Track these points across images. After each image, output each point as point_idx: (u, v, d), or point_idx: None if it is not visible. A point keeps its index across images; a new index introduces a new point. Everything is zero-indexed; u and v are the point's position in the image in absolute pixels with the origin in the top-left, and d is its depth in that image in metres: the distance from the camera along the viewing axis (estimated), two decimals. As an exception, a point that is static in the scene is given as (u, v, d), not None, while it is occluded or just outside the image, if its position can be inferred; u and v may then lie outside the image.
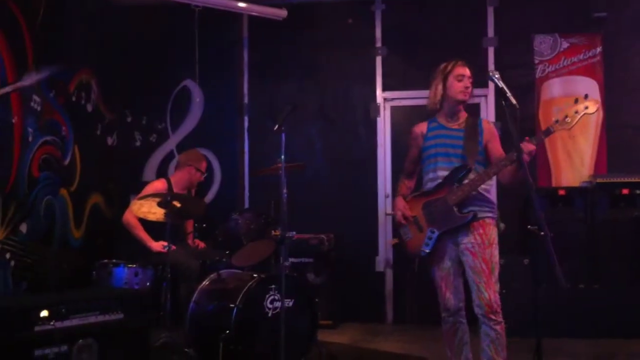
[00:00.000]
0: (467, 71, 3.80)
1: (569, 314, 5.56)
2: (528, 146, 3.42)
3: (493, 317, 3.61)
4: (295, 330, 4.35)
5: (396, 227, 3.96)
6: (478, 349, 3.75)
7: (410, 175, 4.06)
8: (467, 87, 3.78)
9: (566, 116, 3.45)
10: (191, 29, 6.60)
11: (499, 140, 3.83)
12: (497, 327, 3.62)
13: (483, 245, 3.65)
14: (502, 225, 3.83)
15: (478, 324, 3.70)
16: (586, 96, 3.50)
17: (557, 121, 3.48)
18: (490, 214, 3.74)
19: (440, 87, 3.82)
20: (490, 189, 3.82)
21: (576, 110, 3.44)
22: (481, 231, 3.67)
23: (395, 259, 6.65)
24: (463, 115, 3.86)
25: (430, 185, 3.83)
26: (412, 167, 4.04)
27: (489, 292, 3.60)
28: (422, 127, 3.95)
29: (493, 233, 3.71)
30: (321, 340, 4.87)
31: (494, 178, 3.81)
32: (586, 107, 3.43)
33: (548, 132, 3.51)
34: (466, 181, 3.65)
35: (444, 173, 3.75)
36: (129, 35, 6.58)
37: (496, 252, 3.69)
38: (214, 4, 6.26)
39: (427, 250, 3.75)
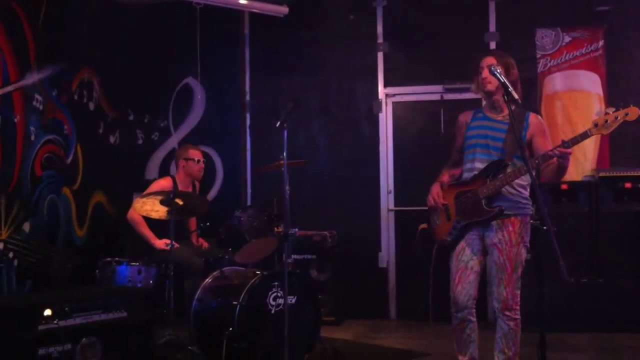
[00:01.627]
0: (485, 61, 3.74)
1: (572, 308, 5.56)
2: (562, 150, 3.41)
3: (507, 313, 3.65)
4: (298, 327, 4.34)
5: (428, 213, 3.95)
6: (490, 344, 3.76)
7: (455, 163, 3.99)
8: (484, 78, 3.73)
9: (606, 121, 3.41)
10: (193, 27, 6.60)
11: (546, 135, 3.76)
12: (511, 323, 3.65)
13: (510, 243, 3.64)
14: (535, 222, 3.73)
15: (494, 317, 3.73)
16: (630, 103, 3.46)
17: (596, 125, 3.44)
18: (521, 212, 3.69)
19: (474, 83, 3.84)
20: (526, 185, 3.73)
21: (617, 116, 3.41)
22: (511, 229, 3.65)
23: (398, 254, 6.65)
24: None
25: (466, 175, 3.81)
26: (457, 156, 3.97)
27: (507, 289, 3.63)
28: (467, 116, 3.92)
29: (524, 232, 3.68)
30: (325, 337, 4.88)
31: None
32: (626, 114, 3.40)
33: (585, 135, 3.44)
34: (500, 175, 3.62)
35: (480, 165, 3.72)
36: (131, 33, 6.59)
37: (523, 252, 3.68)
38: (215, 2, 6.26)
39: (450, 239, 3.78)
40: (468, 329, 3.78)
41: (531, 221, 3.59)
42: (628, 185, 5.78)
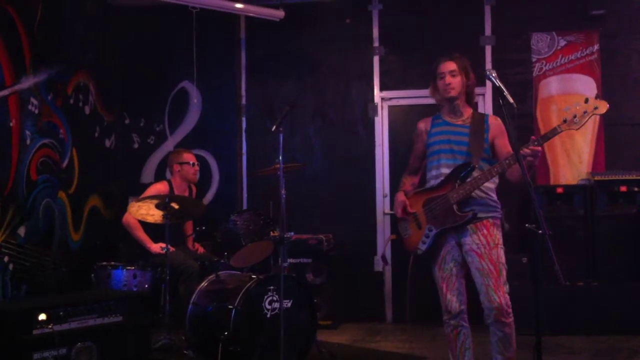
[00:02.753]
0: (447, 66, 3.68)
1: (568, 311, 5.56)
2: (533, 148, 3.34)
3: (502, 319, 3.53)
4: (294, 331, 4.35)
5: (396, 223, 3.86)
6: (481, 349, 3.73)
7: (415, 171, 3.95)
8: (447, 84, 3.67)
9: (575, 116, 3.35)
10: (189, 31, 6.60)
11: (507, 136, 3.69)
12: (506, 328, 3.54)
13: (488, 246, 3.56)
14: (506, 226, 3.71)
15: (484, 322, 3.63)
16: (597, 96, 3.40)
17: (565, 121, 3.37)
18: (493, 214, 3.64)
19: (432, 87, 3.77)
20: (494, 188, 3.70)
21: (585, 111, 3.34)
22: (485, 232, 3.58)
23: (394, 258, 6.64)
24: (468, 111, 3.73)
25: (433, 182, 3.73)
26: (417, 163, 3.93)
27: (497, 294, 3.51)
28: (426, 123, 3.86)
29: (498, 234, 3.62)
30: (321, 340, 4.87)
31: (498, 177, 3.67)
32: (596, 108, 3.33)
33: (555, 132, 3.39)
34: (469, 179, 3.57)
35: (446, 170, 3.65)
36: (127, 37, 6.59)
37: (502, 253, 3.60)
38: (211, 6, 6.25)
39: (423, 249, 3.68)
40: (462, 335, 3.69)
41: (527, 225, 3.51)
42: (623, 188, 5.79)
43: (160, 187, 5.46)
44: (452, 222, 3.60)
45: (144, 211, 4.93)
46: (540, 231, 2.95)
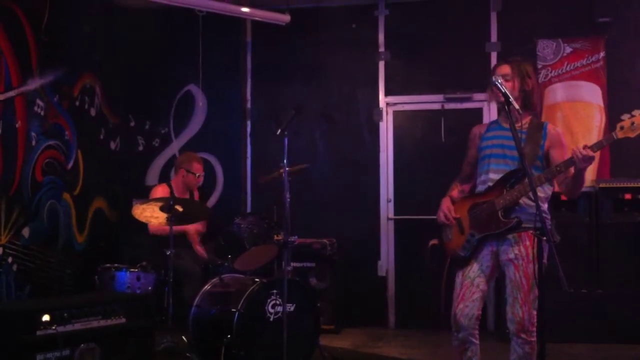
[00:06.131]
0: (502, 70, 3.58)
1: (571, 319, 5.55)
2: (584, 151, 3.20)
3: (523, 336, 3.40)
4: (297, 335, 4.34)
5: (439, 228, 3.75)
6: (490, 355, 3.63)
7: (465, 178, 3.83)
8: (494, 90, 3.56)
9: (633, 123, 3.27)
10: (195, 34, 6.62)
11: (565, 148, 3.55)
12: (526, 347, 3.40)
13: (527, 258, 3.40)
14: (557, 237, 3.48)
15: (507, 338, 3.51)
16: None
17: (622, 128, 3.28)
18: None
19: (488, 91, 3.66)
20: (545, 198, 3.53)
21: None
22: (528, 243, 3.42)
23: (398, 263, 6.64)
24: (526, 117, 3.53)
25: (480, 187, 3.63)
26: (468, 170, 3.80)
27: (523, 309, 3.39)
28: (481, 128, 3.77)
29: (540, 247, 3.34)
30: (323, 345, 4.86)
31: (552, 188, 3.56)
32: None
33: (610, 138, 3.30)
34: (518, 185, 3.41)
35: (495, 175, 3.53)
36: (133, 40, 6.60)
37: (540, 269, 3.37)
38: (217, 9, 6.27)
39: (463, 255, 3.57)
40: (469, 352, 3.55)
41: (531, 232, 3.30)
42: (628, 196, 5.78)
43: (161, 191, 5.46)
44: (495, 228, 3.46)
45: (148, 213, 4.93)
46: (544, 238, 2.95)
